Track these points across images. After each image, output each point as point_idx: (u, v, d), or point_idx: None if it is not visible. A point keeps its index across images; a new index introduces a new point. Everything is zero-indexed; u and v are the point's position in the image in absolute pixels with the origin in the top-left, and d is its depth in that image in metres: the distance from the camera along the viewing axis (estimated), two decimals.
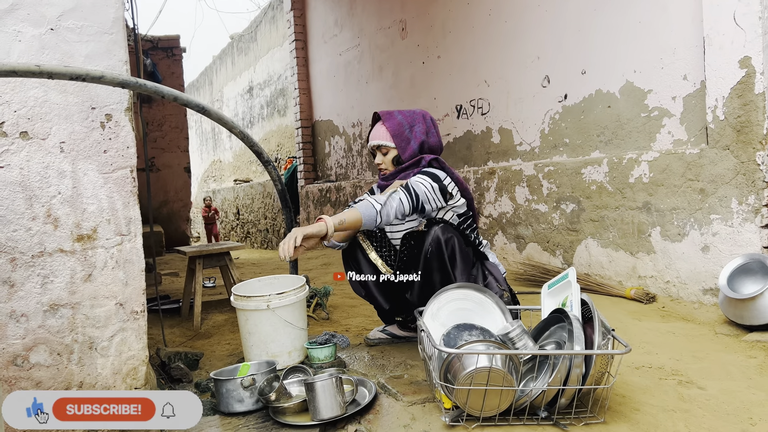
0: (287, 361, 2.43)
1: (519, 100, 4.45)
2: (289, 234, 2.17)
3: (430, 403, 1.97)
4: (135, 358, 1.90)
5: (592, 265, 3.76)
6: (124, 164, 1.88)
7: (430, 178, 2.38)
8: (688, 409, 1.90)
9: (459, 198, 2.47)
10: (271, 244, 9.89)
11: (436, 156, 2.52)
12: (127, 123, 1.89)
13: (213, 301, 3.77)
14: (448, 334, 1.94)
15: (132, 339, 1.89)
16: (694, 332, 2.76)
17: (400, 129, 2.52)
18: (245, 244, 10.80)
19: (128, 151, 1.89)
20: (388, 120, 2.54)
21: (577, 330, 1.81)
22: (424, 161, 2.48)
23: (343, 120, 7.38)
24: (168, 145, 8.38)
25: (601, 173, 3.67)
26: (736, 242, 2.90)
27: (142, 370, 1.90)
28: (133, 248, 1.89)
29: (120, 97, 1.88)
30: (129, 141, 1.90)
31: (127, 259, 1.88)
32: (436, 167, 2.47)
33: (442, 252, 2.28)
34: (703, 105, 3.10)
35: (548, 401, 1.80)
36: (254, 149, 2.17)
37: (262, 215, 10.08)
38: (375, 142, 2.56)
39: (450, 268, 2.29)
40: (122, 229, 1.87)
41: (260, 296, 2.40)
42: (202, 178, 15.27)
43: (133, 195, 1.89)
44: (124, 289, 1.87)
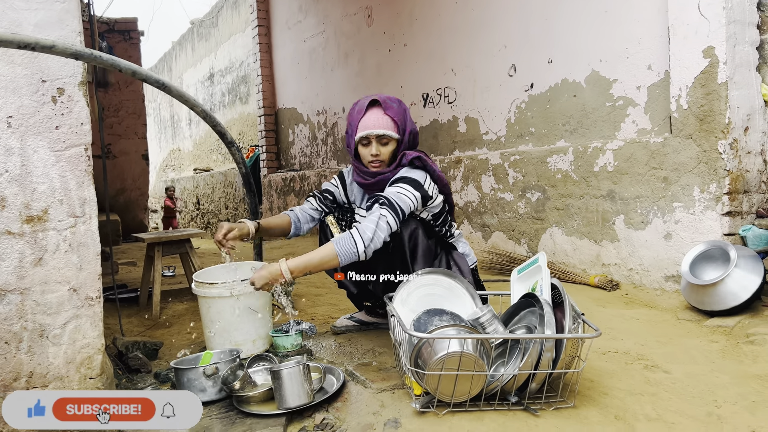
0: (251, 350, 2.36)
1: (485, 88, 4.44)
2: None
3: (399, 390, 1.94)
4: (90, 346, 1.80)
5: (557, 253, 3.79)
6: (77, 141, 1.77)
7: (412, 188, 2.20)
8: (654, 393, 1.91)
9: (437, 198, 2.33)
10: None
11: (419, 154, 2.30)
12: (81, 98, 1.79)
13: (173, 290, 3.65)
14: (419, 320, 1.90)
15: (87, 326, 1.79)
16: (658, 318, 2.80)
17: (404, 119, 2.30)
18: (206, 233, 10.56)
19: (82, 128, 1.78)
20: (389, 108, 2.30)
21: (548, 314, 1.79)
22: (406, 159, 2.29)
23: (307, 108, 7.27)
24: (125, 132, 8.11)
25: (566, 162, 3.69)
26: (697, 230, 2.95)
27: (98, 359, 1.81)
28: (88, 231, 1.78)
29: (73, 69, 1.77)
30: (83, 117, 1.79)
31: (81, 242, 1.77)
32: (418, 166, 2.29)
33: (404, 246, 2.23)
34: (667, 94, 3.14)
35: (519, 386, 1.78)
36: (217, 129, 2.08)
37: (223, 205, 9.89)
38: (379, 131, 2.28)
39: (410, 263, 2.23)
40: (76, 211, 1.77)
41: (223, 283, 2.32)
42: (161, 167, 14.89)
43: (87, 174, 1.78)
44: (78, 274, 1.77)
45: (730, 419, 1.71)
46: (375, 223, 2.09)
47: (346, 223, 2.48)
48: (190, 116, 12.65)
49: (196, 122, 12.34)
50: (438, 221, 2.39)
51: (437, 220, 2.39)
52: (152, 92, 14.43)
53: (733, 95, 2.81)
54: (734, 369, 2.11)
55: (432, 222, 2.37)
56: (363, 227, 2.09)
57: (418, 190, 2.22)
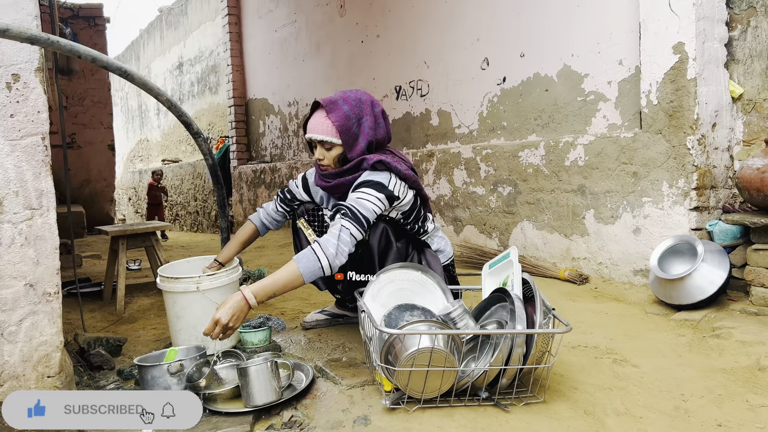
0: (218, 346, 2.30)
1: (458, 82, 4.43)
2: (209, 325, 1.91)
3: (369, 386, 1.91)
4: (48, 344, 1.73)
5: (528, 247, 3.80)
6: (34, 130, 1.70)
7: (374, 190, 2.14)
8: (623, 387, 1.92)
9: (405, 196, 2.26)
10: (201, 226, 9.56)
11: (381, 157, 2.22)
12: (38, 85, 1.71)
13: (138, 284, 3.57)
14: (389, 315, 1.88)
15: (44, 323, 1.72)
16: (626, 312, 2.82)
17: (348, 124, 2.21)
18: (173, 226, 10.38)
19: (39, 117, 1.71)
20: (333, 111, 2.21)
21: (519, 309, 1.78)
22: (367, 163, 2.20)
23: (278, 99, 7.17)
24: (90, 121, 7.91)
25: (537, 156, 3.70)
26: (666, 224, 2.98)
27: (56, 356, 1.74)
28: (45, 223, 1.71)
29: (29, 55, 1.69)
30: (40, 105, 1.71)
31: (38, 236, 1.70)
32: (381, 170, 2.21)
33: (372, 253, 2.20)
34: (637, 90, 3.16)
35: (490, 381, 1.78)
36: (182, 119, 2.02)
37: (192, 197, 9.72)
38: (317, 136, 2.23)
39: (378, 268, 2.18)
40: (32, 203, 1.69)
41: (189, 278, 2.26)
42: (128, 157, 14.57)
43: (45, 165, 1.71)
44: (34, 269, 1.70)
45: (697, 413, 1.73)
46: (337, 237, 2.02)
47: (318, 224, 2.44)
48: (159, 106, 12.39)
49: (164, 112, 12.09)
50: (409, 219, 2.33)
51: (408, 218, 2.33)
52: (119, 81, 14.09)
53: (702, 91, 2.85)
54: (701, 362, 2.14)
55: (402, 221, 2.32)
56: (324, 242, 2.02)
57: (381, 192, 2.16)
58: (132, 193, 13.34)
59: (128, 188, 13.71)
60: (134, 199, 13.21)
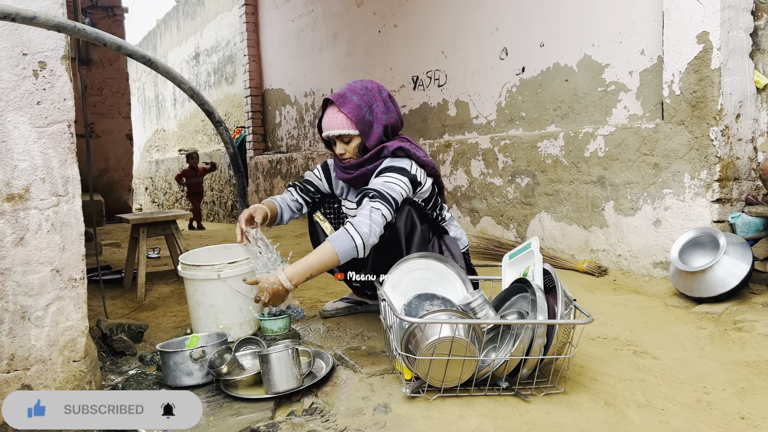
0: (239, 333, 2.33)
1: (476, 72, 4.40)
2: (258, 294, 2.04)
3: (389, 375, 1.92)
4: (73, 328, 1.76)
5: (546, 239, 3.78)
6: (60, 118, 1.71)
7: (400, 174, 2.19)
8: (644, 379, 1.92)
9: (425, 183, 2.30)
10: (218, 216, 9.63)
11: (401, 144, 2.28)
12: (64, 72, 1.72)
13: (158, 272, 3.60)
14: (410, 304, 1.89)
15: (70, 308, 1.74)
16: (646, 304, 2.81)
17: (360, 113, 2.25)
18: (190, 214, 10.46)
19: (65, 104, 1.72)
20: (344, 104, 2.25)
21: (540, 299, 1.78)
22: (387, 150, 2.26)
23: (294, 89, 7.18)
24: (108, 111, 7.96)
25: (556, 147, 3.67)
26: (687, 216, 2.95)
27: (82, 341, 1.76)
28: (71, 210, 1.73)
29: (56, 43, 1.70)
30: (66, 93, 1.73)
31: (64, 222, 1.72)
32: (401, 156, 2.26)
33: (398, 235, 2.21)
34: (659, 80, 3.12)
35: (510, 372, 1.78)
36: (204, 108, 2.03)
37: (208, 187, 9.78)
38: (335, 131, 2.27)
39: (405, 252, 2.20)
40: (59, 189, 1.72)
41: (210, 265, 2.28)
42: (145, 147, 14.68)
43: (71, 152, 1.73)
44: (61, 255, 1.72)
45: (720, 405, 1.72)
46: (368, 216, 2.07)
47: (334, 216, 2.45)
48: (175, 96, 12.45)
49: (181, 102, 12.16)
50: (428, 206, 2.36)
51: (428, 205, 2.36)
52: (137, 71, 14.19)
53: (726, 81, 2.80)
54: (723, 355, 2.12)
55: (423, 207, 2.35)
56: (358, 222, 2.06)
57: (405, 176, 2.20)
58: (149, 183, 13.45)
59: (145, 178, 13.83)
60: (150, 189, 13.33)
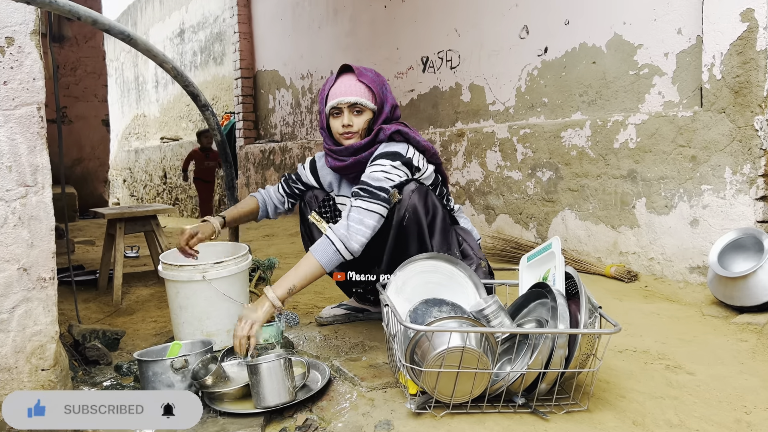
0: (226, 341, 2.34)
1: (493, 52, 4.40)
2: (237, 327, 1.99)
3: (392, 389, 1.93)
4: (42, 333, 1.77)
5: (569, 240, 3.79)
6: (29, 99, 1.72)
7: (388, 160, 2.20)
8: (677, 396, 1.92)
9: (426, 169, 2.31)
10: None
11: (398, 127, 2.29)
12: (34, 49, 1.73)
13: (136, 272, 3.63)
14: (416, 310, 1.89)
15: (38, 311, 1.76)
16: (680, 313, 2.81)
17: (379, 87, 2.29)
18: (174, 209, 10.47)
19: (35, 84, 1.73)
20: (364, 74, 2.28)
21: (562, 306, 1.78)
22: (384, 134, 2.27)
23: (290, 70, 7.19)
24: (83, 94, 7.99)
25: (582, 137, 3.67)
26: (728, 215, 2.95)
27: (51, 348, 1.78)
28: (41, 202, 1.74)
29: (24, 17, 1.71)
30: (36, 72, 1.74)
31: (32, 216, 1.73)
32: (398, 141, 2.28)
33: (419, 217, 2.21)
34: (698, 63, 3.12)
35: (527, 386, 1.78)
36: (189, 90, 2.04)
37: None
38: (351, 98, 2.25)
39: (428, 237, 2.22)
40: (27, 179, 1.73)
41: (194, 265, 2.29)
42: (123, 135, 14.75)
43: (40, 137, 1.74)
44: (28, 252, 1.73)
45: (761, 427, 1.72)
46: (346, 217, 2.13)
47: (330, 215, 2.48)
48: (157, 77, 12.50)
49: (163, 84, 12.20)
50: (432, 188, 2.38)
51: (430, 187, 2.38)
52: (115, 49, 14.24)
53: None
54: (765, 371, 2.12)
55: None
56: (336, 225, 2.14)
57: (396, 159, 2.21)
58: (127, 175, 13.51)
59: (123, 169, 13.88)
60: (129, 181, 13.38)
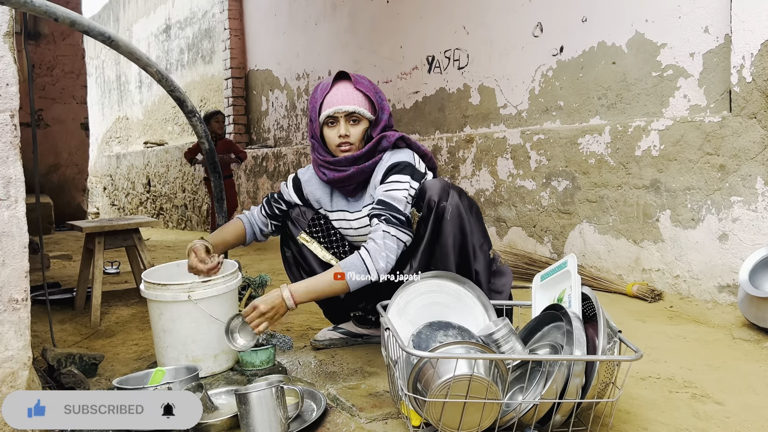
0: (213, 367, 2.35)
1: (504, 52, 4.43)
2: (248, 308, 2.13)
3: (393, 420, 1.94)
4: (14, 360, 1.78)
5: (587, 255, 3.79)
6: (2, 107, 1.74)
7: (406, 175, 2.28)
8: (704, 429, 1.92)
9: (427, 175, 2.39)
10: (190, 223, 9.68)
11: (402, 135, 2.39)
12: (7, 52, 1.75)
13: (117, 291, 3.64)
14: (419, 335, 1.90)
15: (10, 335, 1.77)
16: (709, 337, 2.81)
17: (376, 95, 2.36)
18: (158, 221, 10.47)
19: (8, 90, 1.75)
20: (360, 83, 2.35)
21: (578, 331, 1.79)
22: (387, 141, 2.35)
23: (284, 70, 7.23)
24: (60, 95, 8.04)
25: (601, 144, 3.69)
26: (760, 230, 2.96)
27: (24, 375, 1.79)
28: (13, 217, 1.76)
29: None
30: (9, 77, 1.76)
31: (3, 232, 1.75)
32: (402, 147, 2.38)
33: (461, 213, 2.24)
34: (726, 64, 3.13)
35: (540, 417, 1.78)
36: (174, 95, 2.06)
37: (179, 187, 9.84)
38: (349, 107, 2.30)
39: (469, 233, 2.26)
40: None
41: (179, 284, 2.30)
42: (104, 139, 14.81)
43: (13, 147, 1.75)
44: (0, 271, 1.74)
45: None
46: (384, 247, 2.17)
47: (323, 234, 2.52)
48: (141, 77, 12.57)
49: (147, 84, 12.27)
50: None
51: None
52: (95, 47, 14.32)
53: None
54: None
55: None
56: (375, 253, 2.16)
57: (414, 173, 2.30)
58: (108, 182, 13.55)
59: (103, 176, 13.93)
60: (110, 189, 13.43)
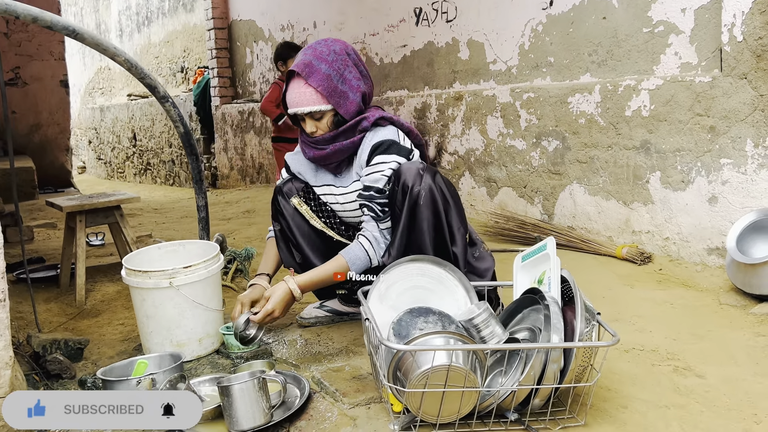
0: (198, 351, 2.41)
1: (493, 5, 4.38)
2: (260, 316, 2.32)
3: (376, 404, 2.00)
4: None
5: (578, 217, 3.84)
6: None
7: (395, 155, 2.38)
8: (683, 405, 1.98)
9: (414, 154, 2.45)
10: (178, 179, 9.69)
11: (383, 114, 2.47)
12: None
13: (102, 265, 3.67)
14: (399, 322, 1.95)
15: None
16: (696, 302, 2.87)
17: (331, 84, 2.37)
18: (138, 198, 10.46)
19: None
20: (311, 75, 2.35)
21: (556, 316, 1.84)
22: (367, 122, 2.42)
23: (269, 21, 7.14)
24: (37, 51, 7.92)
25: (591, 103, 3.69)
26: (749, 193, 2.99)
27: (6, 375, 1.83)
28: None
29: None
30: None
31: None
32: (383, 125, 2.45)
33: (435, 197, 2.30)
34: (718, 20, 3.11)
35: (520, 401, 1.85)
36: (145, 82, 2.07)
37: (165, 142, 9.81)
38: (303, 108, 2.38)
39: (444, 215, 2.32)
40: None
41: (161, 271, 2.34)
42: (86, 90, 14.65)
43: None
44: None
45: None
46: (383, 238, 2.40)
47: (314, 203, 2.58)
48: (121, 25, 12.37)
49: (128, 33, 12.08)
50: None
51: None
52: None
53: None
54: None
55: None
56: (376, 243, 2.39)
57: (400, 152, 2.40)
58: (93, 135, 13.47)
59: (87, 129, 13.84)
60: (95, 143, 13.36)
